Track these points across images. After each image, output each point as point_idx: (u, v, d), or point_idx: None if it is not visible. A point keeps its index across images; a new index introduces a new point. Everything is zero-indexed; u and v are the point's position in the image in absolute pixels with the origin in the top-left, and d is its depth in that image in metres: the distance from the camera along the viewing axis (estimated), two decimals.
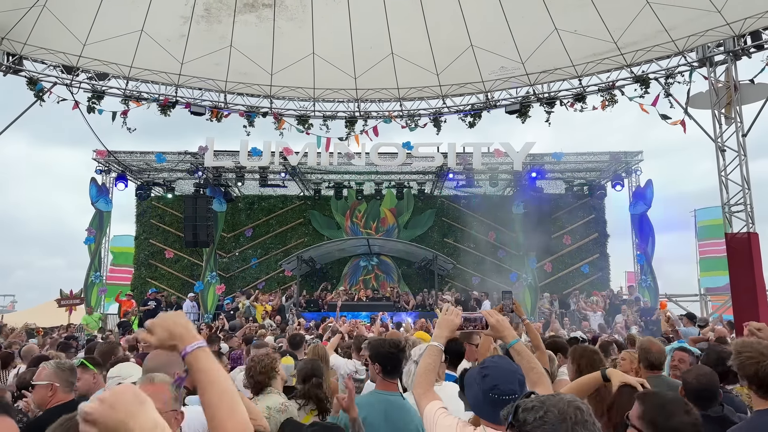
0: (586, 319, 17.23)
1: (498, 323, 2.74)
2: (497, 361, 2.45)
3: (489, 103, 16.21)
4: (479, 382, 2.37)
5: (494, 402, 2.30)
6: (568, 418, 1.49)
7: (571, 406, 1.52)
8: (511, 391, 2.30)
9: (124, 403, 1.26)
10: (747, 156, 13.00)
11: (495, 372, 2.35)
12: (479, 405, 2.38)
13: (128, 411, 1.25)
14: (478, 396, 2.36)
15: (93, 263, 19.69)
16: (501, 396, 2.29)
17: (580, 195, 21.63)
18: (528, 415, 1.54)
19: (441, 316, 2.84)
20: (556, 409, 1.52)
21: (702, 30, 13.01)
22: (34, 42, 13.74)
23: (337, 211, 22.44)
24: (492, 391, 2.31)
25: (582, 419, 1.50)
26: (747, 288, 12.01)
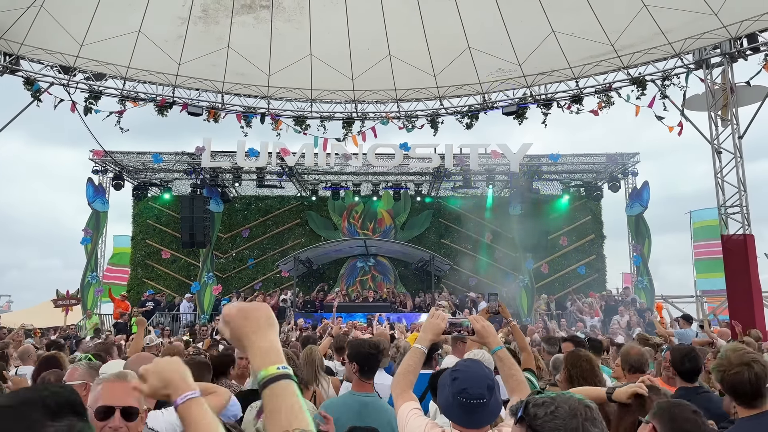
0: (582, 321, 17.27)
1: (483, 329, 2.75)
2: (469, 364, 2.47)
3: (486, 105, 16.24)
4: (449, 384, 2.38)
5: (462, 405, 2.33)
6: (579, 414, 1.52)
7: (581, 404, 1.56)
8: (480, 395, 2.31)
9: (255, 318, 1.45)
10: (743, 158, 13.07)
11: (465, 376, 2.37)
12: (449, 407, 2.40)
13: (257, 326, 1.43)
14: (448, 398, 2.38)
15: (89, 263, 19.65)
16: (469, 400, 2.31)
17: (577, 196, 21.68)
18: (538, 410, 1.56)
19: (427, 319, 2.86)
20: (566, 405, 1.55)
21: (698, 33, 13.07)
22: (31, 42, 13.72)
23: (334, 212, 22.44)
24: (461, 394, 2.32)
25: (591, 416, 1.53)
26: (742, 289, 12.09)
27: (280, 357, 1.42)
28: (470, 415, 2.34)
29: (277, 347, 1.43)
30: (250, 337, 1.42)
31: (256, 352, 1.41)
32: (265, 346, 1.41)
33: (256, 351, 1.41)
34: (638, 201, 19.88)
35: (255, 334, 1.42)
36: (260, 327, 1.43)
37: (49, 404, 1.22)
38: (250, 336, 1.42)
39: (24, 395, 1.25)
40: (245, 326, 1.43)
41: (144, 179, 21.31)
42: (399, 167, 19.39)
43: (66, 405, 1.24)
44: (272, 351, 1.41)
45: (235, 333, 1.44)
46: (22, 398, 1.23)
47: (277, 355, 1.41)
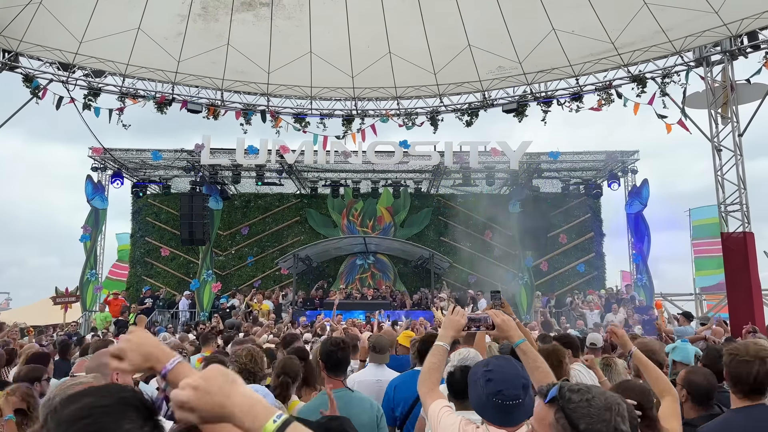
0: (582, 318, 17.30)
1: (504, 323, 2.73)
2: (502, 364, 2.43)
3: (486, 102, 16.22)
4: (483, 385, 2.36)
5: (498, 407, 2.31)
6: (613, 408, 1.56)
7: (616, 399, 1.60)
8: (515, 396, 2.29)
9: (218, 385, 1.27)
10: (743, 156, 13.07)
11: (499, 377, 2.34)
12: (482, 407, 2.38)
13: (224, 392, 1.27)
14: (482, 398, 2.36)
15: (88, 261, 19.62)
16: (505, 401, 2.29)
17: (576, 194, 21.68)
18: (574, 395, 1.59)
19: (446, 316, 2.84)
20: (603, 397, 1.59)
21: (699, 30, 13.05)
22: (30, 39, 13.67)
23: (334, 210, 22.43)
24: (496, 396, 2.30)
25: (623, 413, 1.57)
26: (742, 287, 12.10)
27: (267, 409, 1.27)
28: (506, 416, 2.32)
29: (255, 397, 1.29)
30: (226, 406, 1.26)
31: (241, 416, 1.25)
32: (246, 405, 1.26)
33: (240, 415, 1.25)
34: (638, 199, 19.89)
35: (227, 400, 1.26)
36: (226, 391, 1.27)
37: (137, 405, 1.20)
38: (225, 404, 1.26)
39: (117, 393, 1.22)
40: (212, 401, 1.26)
41: (143, 176, 21.27)
42: (399, 165, 19.36)
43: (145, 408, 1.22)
44: (256, 406, 1.27)
45: (207, 412, 1.26)
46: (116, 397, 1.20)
47: (262, 405, 1.27)
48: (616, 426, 1.54)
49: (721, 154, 13.39)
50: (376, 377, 4.82)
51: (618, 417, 1.55)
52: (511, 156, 18.00)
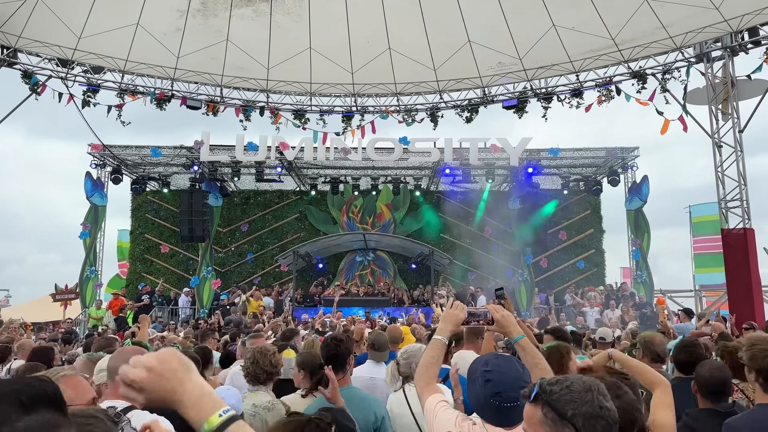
0: (582, 315, 17.30)
1: (503, 318, 2.70)
2: (502, 364, 2.41)
3: (486, 99, 16.19)
4: (482, 385, 2.35)
5: (496, 408, 2.30)
6: (593, 388, 1.63)
7: (594, 381, 1.67)
8: (514, 398, 2.27)
9: (172, 371, 1.25)
10: (744, 152, 13.05)
11: (499, 378, 2.33)
12: (480, 406, 2.37)
13: (177, 378, 1.25)
14: (480, 398, 2.35)
15: (88, 258, 19.61)
16: (503, 403, 2.28)
17: (576, 191, 21.66)
18: (554, 387, 1.65)
19: (446, 310, 2.82)
20: (581, 381, 1.66)
21: (700, 26, 13.03)
22: (28, 35, 13.63)
23: (334, 207, 22.40)
24: (494, 397, 2.29)
25: (604, 392, 1.64)
26: (742, 283, 12.08)
27: (215, 401, 1.25)
28: (504, 417, 2.31)
29: (206, 389, 1.27)
30: (177, 392, 1.23)
31: (189, 406, 1.23)
32: (196, 395, 1.24)
33: (188, 404, 1.23)
34: (637, 195, 19.87)
35: (180, 385, 1.24)
36: (179, 377, 1.25)
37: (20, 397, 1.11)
38: (176, 390, 1.23)
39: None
40: (164, 384, 1.23)
41: (142, 173, 21.24)
42: (398, 161, 19.32)
43: (41, 398, 1.13)
44: (204, 397, 1.24)
45: (156, 395, 1.24)
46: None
47: (211, 398, 1.25)
48: (600, 404, 1.60)
49: (722, 150, 13.36)
50: (370, 374, 4.79)
51: (599, 396, 1.62)
52: (511, 152, 17.98)
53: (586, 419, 1.59)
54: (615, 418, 1.63)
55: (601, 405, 1.61)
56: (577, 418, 1.60)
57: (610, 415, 1.62)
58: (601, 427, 1.60)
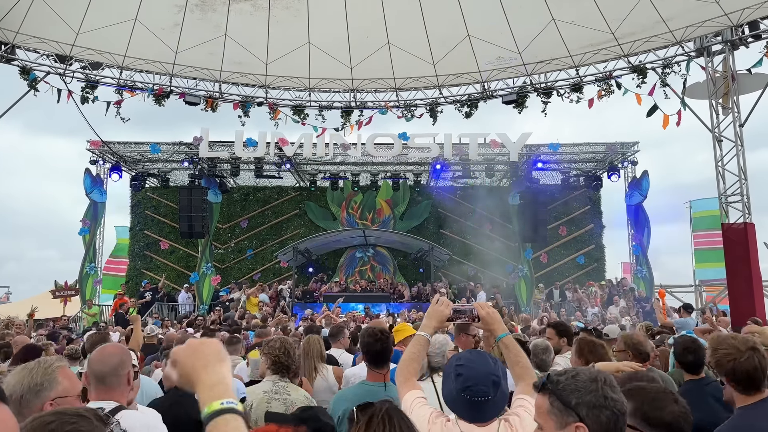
0: (581, 310, 17.29)
1: (488, 315, 2.69)
2: (473, 359, 2.40)
3: (485, 93, 16.14)
4: (453, 380, 2.34)
5: (466, 402, 2.29)
6: (599, 379, 1.67)
7: (600, 372, 1.71)
8: (484, 393, 2.28)
9: (205, 354, 1.39)
10: (744, 146, 13.01)
11: (469, 372, 2.32)
12: (452, 401, 2.37)
13: (207, 362, 1.37)
14: (452, 392, 2.35)
15: (88, 254, 19.58)
16: (473, 397, 2.28)
17: (576, 186, 21.62)
18: (561, 377, 1.71)
19: (431, 306, 2.80)
20: (587, 371, 1.71)
21: (700, 20, 12.96)
22: (26, 30, 13.58)
23: (333, 202, 22.38)
24: (464, 391, 2.29)
25: (611, 383, 1.67)
26: (743, 278, 12.06)
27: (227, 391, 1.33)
28: (475, 411, 2.31)
29: (226, 381, 1.35)
30: (199, 373, 1.35)
31: (203, 388, 1.33)
32: (213, 381, 1.34)
33: (204, 386, 1.33)
34: (637, 190, 19.81)
35: (204, 369, 1.35)
36: (209, 362, 1.36)
37: None
38: (200, 372, 1.35)
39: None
40: (194, 362, 1.37)
41: (142, 169, 21.21)
42: (398, 157, 19.31)
43: None
44: (220, 385, 1.33)
45: (184, 370, 1.37)
46: None
47: (225, 389, 1.33)
48: (605, 394, 1.63)
49: (722, 144, 13.32)
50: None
51: (605, 386, 1.65)
52: (510, 148, 17.96)
53: (590, 408, 1.62)
54: (622, 409, 1.65)
55: (606, 395, 1.63)
56: (581, 407, 1.63)
57: (616, 405, 1.64)
58: (605, 417, 1.62)
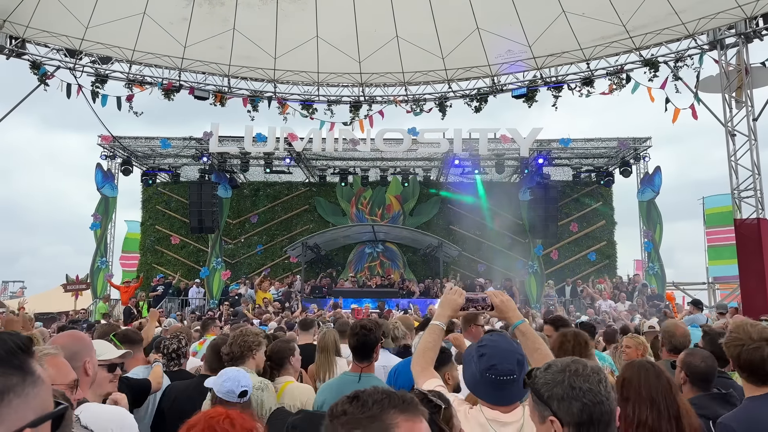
0: (593, 306, 17.13)
1: (502, 303, 2.63)
2: (496, 339, 2.36)
3: (495, 88, 16.02)
4: (476, 361, 2.28)
5: (491, 382, 2.23)
6: (567, 369, 1.64)
7: (574, 363, 1.67)
8: (509, 371, 2.22)
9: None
10: (758, 141, 12.80)
11: (493, 351, 2.26)
12: (476, 384, 2.30)
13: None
14: (475, 375, 2.28)
15: (99, 249, 19.72)
16: (498, 376, 2.21)
17: (588, 182, 21.41)
18: (538, 372, 1.71)
19: (444, 295, 2.76)
20: (559, 363, 1.69)
21: (713, 12, 12.77)
22: (36, 25, 13.68)
23: (343, 198, 22.35)
24: (489, 371, 2.22)
25: (583, 373, 1.62)
26: (755, 274, 11.86)
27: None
28: (500, 392, 2.25)
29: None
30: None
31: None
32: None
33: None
34: (650, 186, 19.57)
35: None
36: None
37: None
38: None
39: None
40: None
41: (152, 165, 21.30)
42: (407, 152, 19.19)
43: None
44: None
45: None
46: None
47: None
48: (571, 384, 1.59)
49: (735, 139, 13.11)
50: (381, 363, 4.77)
51: (574, 377, 1.61)
52: (521, 143, 17.77)
53: (560, 401, 1.60)
54: (595, 399, 1.58)
55: (573, 386, 1.59)
56: (551, 400, 1.61)
57: (586, 396, 1.58)
58: (576, 408, 1.57)
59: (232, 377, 3.11)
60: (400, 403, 1.21)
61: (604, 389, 1.60)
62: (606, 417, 1.59)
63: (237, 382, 3.08)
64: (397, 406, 1.20)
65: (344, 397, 1.26)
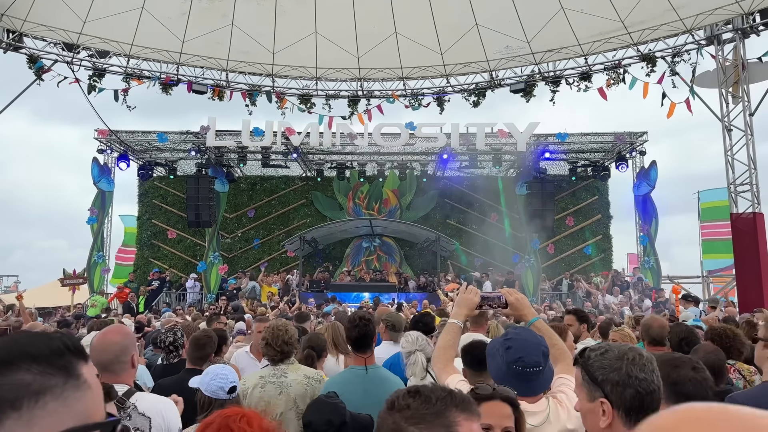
0: (589, 300, 17.27)
1: (517, 301, 2.71)
2: (521, 332, 2.43)
3: (493, 82, 16.06)
4: (503, 354, 2.35)
5: (518, 374, 2.29)
6: (625, 357, 1.71)
7: (632, 350, 1.75)
8: (536, 363, 2.29)
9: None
10: (754, 135, 12.91)
11: (519, 344, 2.33)
12: (502, 377, 2.36)
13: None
14: (502, 368, 2.35)
15: (95, 243, 19.68)
16: (525, 368, 2.29)
17: (584, 176, 21.53)
18: (592, 353, 1.79)
19: (459, 294, 2.84)
20: (617, 349, 1.76)
21: (710, 8, 12.83)
22: (33, 19, 13.60)
23: (340, 192, 22.38)
24: (516, 363, 2.29)
25: (639, 362, 1.70)
26: (751, 268, 12.00)
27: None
28: (526, 383, 2.31)
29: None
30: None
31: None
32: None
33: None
34: (645, 181, 19.69)
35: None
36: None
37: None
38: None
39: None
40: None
41: (149, 159, 21.24)
42: (405, 147, 19.22)
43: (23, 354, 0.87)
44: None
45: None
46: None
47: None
48: (628, 372, 1.68)
49: (732, 133, 13.22)
50: (389, 355, 4.82)
51: (631, 365, 1.69)
52: (518, 137, 17.83)
53: (614, 385, 1.69)
54: (648, 388, 1.67)
55: (630, 374, 1.68)
56: (606, 384, 1.70)
57: (641, 384, 1.67)
58: (629, 395, 1.67)
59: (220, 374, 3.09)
60: (461, 402, 1.26)
61: (657, 379, 1.70)
62: (655, 405, 1.68)
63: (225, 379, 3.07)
64: (458, 405, 1.25)
65: (403, 391, 1.30)
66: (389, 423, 1.24)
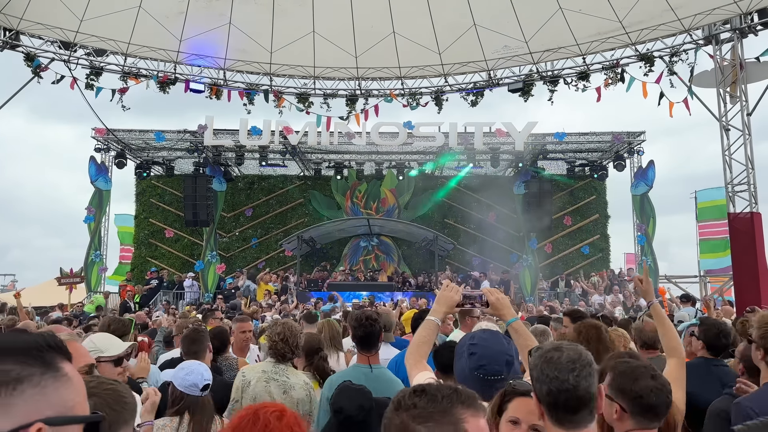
0: (585, 299, 17.29)
1: (497, 301, 2.69)
2: (487, 338, 2.41)
3: (491, 82, 16.05)
4: (466, 358, 2.34)
5: (479, 380, 2.28)
6: (545, 356, 1.75)
7: (557, 350, 1.76)
8: (497, 372, 2.27)
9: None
10: (752, 135, 12.92)
11: (483, 351, 2.32)
12: (464, 380, 2.35)
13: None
14: (464, 371, 2.34)
15: (93, 242, 19.63)
16: (486, 376, 2.27)
17: (582, 175, 21.53)
18: (533, 351, 1.86)
19: (440, 292, 2.80)
20: (543, 348, 1.80)
21: (709, 8, 12.82)
22: (30, 17, 13.53)
23: (338, 192, 22.35)
24: (477, 370, 2.28)
25: (556, 361, 1.72)
26: (749, 268, 12.00)
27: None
28: (488, 390, 2.27)
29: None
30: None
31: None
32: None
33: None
34: (643, 180, 19.71)
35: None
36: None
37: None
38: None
39: None
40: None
41: (146, 158, 21.20)
42: (403, 146, 19.21)
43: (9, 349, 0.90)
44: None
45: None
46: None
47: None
48: (542, 370, 1.73)
49: (729, 133, 13.23)
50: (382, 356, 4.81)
51: (545, 364, 1.73)
52: (516, 137, 17.84)
53: (535, 382, 1.76)
54: (561, 386, 1.68)
55: (543, 371, 1.72)
56: (532, 379, 1.79)
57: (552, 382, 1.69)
58: (544, 391, 1.71)
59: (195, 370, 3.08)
60: (467, 399, 1.26)
61: (573, 378, 1.69)
62: (573, 403, 1.69)
63: (200, 376, 3.06)
64: (464, 402, 1.25)
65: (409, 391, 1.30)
66: (396, 422, 1.24)
